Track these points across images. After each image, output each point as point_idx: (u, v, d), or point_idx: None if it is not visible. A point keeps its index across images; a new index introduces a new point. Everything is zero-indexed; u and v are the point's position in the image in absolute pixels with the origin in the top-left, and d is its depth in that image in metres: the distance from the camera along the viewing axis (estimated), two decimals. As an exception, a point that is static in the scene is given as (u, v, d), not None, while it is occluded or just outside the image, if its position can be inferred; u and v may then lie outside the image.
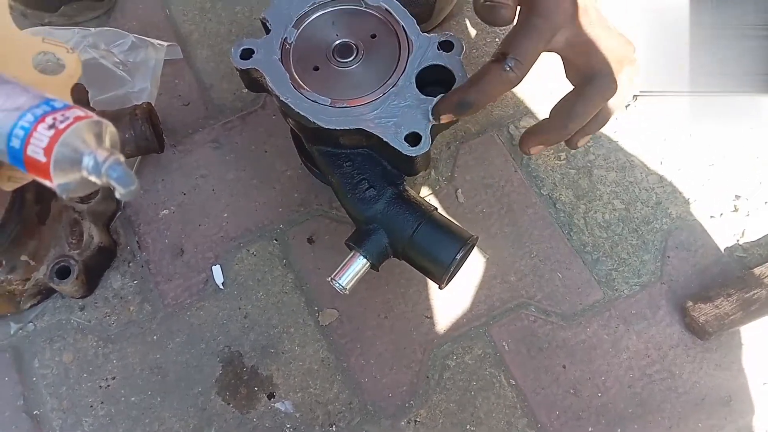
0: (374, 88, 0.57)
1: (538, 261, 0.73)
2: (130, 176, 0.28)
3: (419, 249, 0.57)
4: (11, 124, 0.28)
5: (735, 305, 0.67)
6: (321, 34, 0.60)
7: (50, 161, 0.27)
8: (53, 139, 0.27)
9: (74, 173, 0.28)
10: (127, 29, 0.81)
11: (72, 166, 0.28)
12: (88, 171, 0.28)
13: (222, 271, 0.71)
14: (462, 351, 0.69)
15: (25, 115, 0.28)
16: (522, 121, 0.80)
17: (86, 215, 0.69)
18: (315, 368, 0.67)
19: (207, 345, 0.68)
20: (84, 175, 0.28)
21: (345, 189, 0.59)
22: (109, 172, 0.27)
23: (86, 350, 0.68)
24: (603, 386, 0.68)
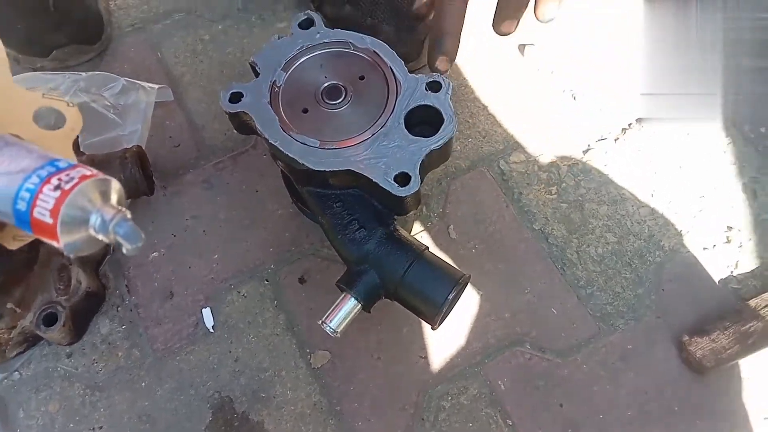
0: (363, 129, 0.57)
1: (532, 297, 0.72)
2: (137, 233, 0.28)
3: (411, 289, 0.56)
4: (17, 187, 0.28)
5: (731, 338, 0.67)
6: (310, 76, 0.60)
7: (57, 223, 0.27)
8: (59, 200, 0.27)
9: (81, 232, 0.28)
10: (119, 72, 0.81)
11: (79, 226, 0.28)
12: (96, 229, 0.28)
13: (212, 314, 0.70)
14: (457, 391, 0.67)
15: (30, 177, 0.28)
16: (512, 156, 0.81)
17: (74, 260, 0.68)
18: (307, 413, 0.66)
19: (197, 391, 0.67)
20: (91, 234, 0.28)
21: (335, 229, 0.59)
22: (116, 229, 0.27)
23: (73, 399, 0.66)
24: (602, 424, 0.66)
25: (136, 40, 0.89)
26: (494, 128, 0.83)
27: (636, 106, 0.83)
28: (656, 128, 0.82)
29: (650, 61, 0.85)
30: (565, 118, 0.83)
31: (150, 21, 0.90)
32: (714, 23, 0.84)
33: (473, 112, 0.84)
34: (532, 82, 0.86)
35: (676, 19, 0.85)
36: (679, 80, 0.83)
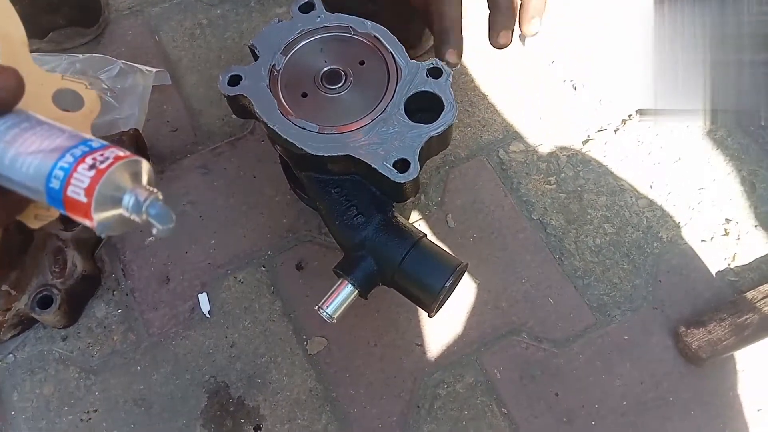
0: (363, 115, 0.57)
1: (530, 287, 0.72)
2: (169, 214, 0.28)
3: (408, 276, 0.56)
4: (50, 165, 0.28)
5: (728, 330, 0.67)
6: (309, 60, 0.60)
7: (92, 201, 0.27)
8: (95, 180, 0.27)
9: (114, 211, 0.28)
10: (116, 55, 0.80)
11: (112, 205, 0.28)
12: (129, 210, 0.28)
13: (209, 299, 0.70)
14: (453, 379, 0.67)
15: (64, 156, 0.28)
16: (512, 145, 0.80)
17: (70, 243, 0.67)
18: (303, 398, 0.66)
19: (192, 375, 0.66)
20: (124, 214, 0.28)
21: (333, 215, 0.58)
22: (149, 210, 0.28)
23: (68, 382, 0.66)
24: (597, 414, 0.66)
25: (133, 23, 0.88)
26: (494, 117, 0.82)
27: (637, 97, 0.83)
28: (656, 120, 0.82)
29: (654, 54, 0.85)
30: (565, 109, 0.83)
31: (148, 4, 0.89)
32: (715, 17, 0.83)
33: (473, 101, 0.83)
34: (533, 72, 0.85)
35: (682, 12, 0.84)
36: (680, 73, 0.83)
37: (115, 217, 0.28)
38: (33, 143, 0.29)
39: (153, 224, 0.28)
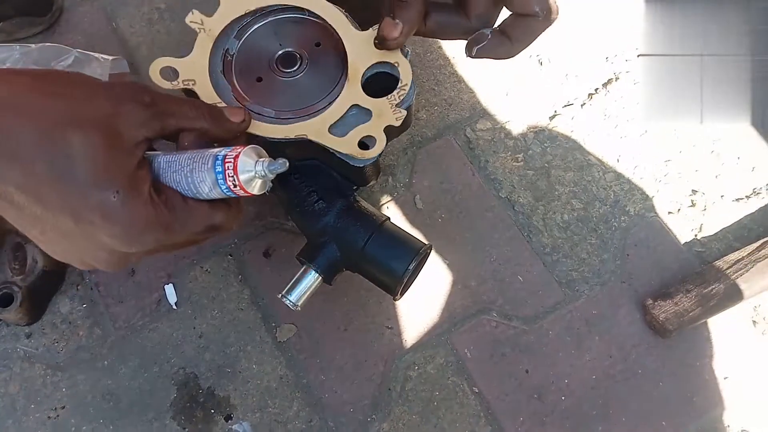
0: (320, 98, 0.56)
1: (498, 265, 0.72)
2: (282, 163, 0.39)
3: (371, 261, 0.56)
4: (214, 177, 0.38)
5: (694, 301, 0.67)
6: (263, 44, 0.58)
7: (241, 182, 0.37)
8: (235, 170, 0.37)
9: (256, 180, 0.38)
10: (72, 44, 0.78)
11: (252, 179, 0.38)
12: (261, 175, 0.38)
13: (175, 290, 0.69)
14: (424, 360, 0.68)
15: (215, 168, 0.38)
16: (479, 123, 0.80)
17: (30, 239, 0.66)
18: (273, 386, 0.66)
19: (161, 368, 0.66)
20: (260, 178, 0.38)
21: (294, 202, 0.57)
22: (270, 168, 0.38)
23: (34, 379, 0.65)
24: (567, 389, 0.67)
25: (89, 9, 0.86)
26: (460, 96, 0.81)
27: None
28: (623, 92, 0.82)
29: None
30: (531, 84, 0.82)
31: (103, -11, 0.87)
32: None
33: (439, 79, 0.82)
34: (499, 48, 0.84)
35: None
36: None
37: (258, 182, 0.38)
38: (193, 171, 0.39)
39: (277, 172, 0.38)
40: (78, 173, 0.33)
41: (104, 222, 0.34)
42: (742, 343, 0.70)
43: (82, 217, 0.34)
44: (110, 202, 0.34)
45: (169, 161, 0.39)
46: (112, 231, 0.35)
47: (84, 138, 0.33)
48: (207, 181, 0.38)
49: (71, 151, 0.33)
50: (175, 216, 0.37)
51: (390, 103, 0.54)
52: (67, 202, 0.33)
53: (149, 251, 0.39)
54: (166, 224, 0.37)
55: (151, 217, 0.36)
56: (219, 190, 0.38)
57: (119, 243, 0.36)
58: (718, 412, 0.67)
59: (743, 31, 0.83)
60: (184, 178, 0.39)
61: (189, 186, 0.39)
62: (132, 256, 0.39)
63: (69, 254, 0.38)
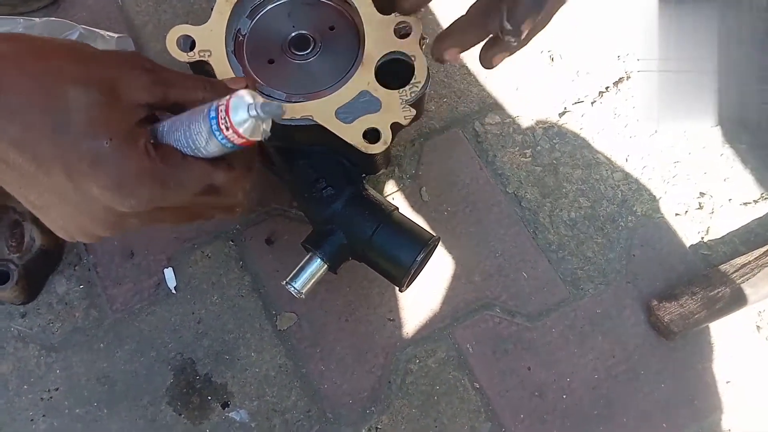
0: (332, 83, 0.55)
1: (503, 260, 0.71)
2: (278, 106, 0.37)
3: (379, 251, 0.55)
4: (210, 129, 0.36)
5: (699, 304, 0.67)
6: (276, 25, 0.57)
7: (236, 128, 0.36)
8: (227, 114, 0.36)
9: (250, 123, 0.36)
10: (76, 20, 0.77)
11: (245, 121, 0.36)
12: (255, 116, 0.36)
13: (174, 274, 0.68)
14: (425, 354, 0.67)
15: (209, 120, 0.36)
16: (487, 117, 0.79)
17: (27, 216, 0.64)
18: (272, 375, 0.65)
19: (158, 352, 0.65)
20: (254, 120, 0.36)
21: (301, 188, 0.56)
22: (264, 108, 0.36)
23: (27, 360, 0.64)
24: (568, 388, 0.66)
25: (94, -15, 0.84)
26: (470, 88, 0.80)
27: (616, 68, 0.82)
28: (634, 92, 0.81)
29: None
30: (542, 80, 0.81)
31: (110, -35, 0.85)
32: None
33: (449, 71, 0.81)
34: (510, 42, 0.83)
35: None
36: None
37: (250, 123, 0.36)
38: (191, 124, 0.37)
39: (271, 116, 0.36)
40: (72, 124, 0.33)
41: (95, 170, 0.34)
42: (745, 347, 0.69)
43: (74, 168, 0.34)
44: (102, 149, 0.34)
45: (170, 123, 0.39)
46: (104, 181, 0.34)
47: (83, 93, 0.34)
48: (203, 132, 0.37)
49: (69, 105, 0.33)
50: (171, 170, 0.36)
51: (400, 98, 0.53)
52: (60, 152, 0.33)
53: (148, 218, 0.38)
54: (161, 178, 0.35)
55: (145, 167, 0.35)
56: (215, 141, 0.37)
57: (111, 196, 0.34)
58: (719, 416, 0.67)
59: (757, 33, 0.83)
60: (183, 134, 0.38)
61: (187, 141, 0.37)
62: (128, 218, 0.37)
63: (65, 219, 0.37)
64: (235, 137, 0.36)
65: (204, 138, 0.37)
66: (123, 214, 0.36)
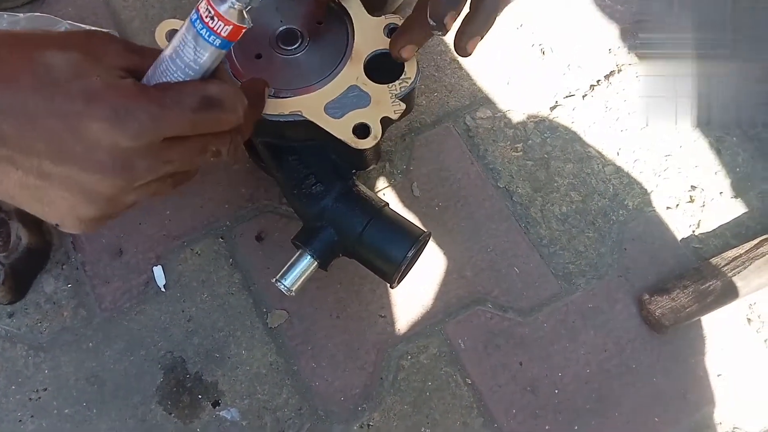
0: (321, 78, 0.54)
1: (495, 255, 0.71)
2: None
3: (369, 247, 0.54)
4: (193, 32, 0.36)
5: (691, 297, 0.67)
6: (264, 19, 0.56)
7: (221, 15, 0.36)
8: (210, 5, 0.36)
9: (234, 11, 0.36)
10: (62, 15, 0.76)
11: (231, 8, 0.36)
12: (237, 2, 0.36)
13: (164, 272, 0.67)
14: (417, 350, 0.66)
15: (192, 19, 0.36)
16: (479, 111, 0.78)
17: (13, 215, 0.64)
18: (263, 373, 0.64)
19: (147, 351, 0.64)
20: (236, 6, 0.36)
21: (291, 184, 0.56)
22: None
23: (15, 360, 0.63)
24: (560, 383, 0.66)
25: (80, -20, 0.83)
26: (461, 83, 0.80)
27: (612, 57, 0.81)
28: (625, 85, 0.81)
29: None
30: (533, 74, 0.81)
31: (95, -41, 0.84)
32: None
33: (440, 65, 0.81)
34: (500, 36, 0.83)
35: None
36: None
37: (237, 12, 0.36)
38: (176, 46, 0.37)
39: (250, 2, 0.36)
40: (58, 76, 0.34)
41: (89, 105, 0.34)
42: (736, 340, 0.70)
43: (69, 111, 0.33)
44: (92, 84, 0.34)
45: (153, 65, 0.38)
46: (101, 112, 0.33)
47: (62, 55, 0.34)
48: (189, 42, 0.36)
49: (52, 63, 0.34)
50: (164, 91, 0.36)
51: (390, 93, 0.52)
52: (51, 102, 0.33)
53: (156, 157, 0.36)
54: (156, 97, 0.35)
55: (139, 90, 0.35)
56: (204, 42, 0.36)
57: (111, 127, 0.34)
58: (711, 409, 0.67)
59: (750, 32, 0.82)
60: (169, 58, 0.37)
61: (176, 62, 0.37)
62: (136, 160, 0.36)
63: (69, 189, 0.36)
64: (221, 26, 0.36)
65: (192, 47, 0.37)
66: (129, 154, 0.35)
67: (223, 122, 0.39)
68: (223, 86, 0.38)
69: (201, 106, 0.37)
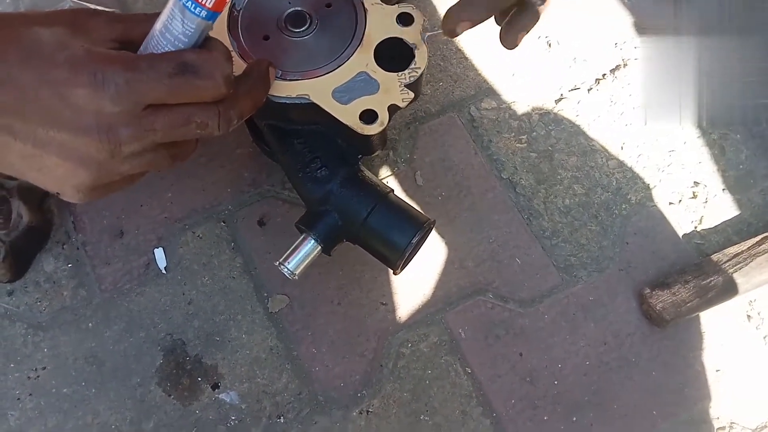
0: (328, 61, 0.53)
1: (497, 246, 0.71)
2: None
3: (373, 233, 0.54)
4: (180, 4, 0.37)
5: (692, 292, 0.67)
6: (272, 1, 0.56)
7: None
8: None
9: None
10: (65, -6, 0.75)
11: None
12: None
13: (165, 255, 0.67)
14: (417, 338, 0.66)
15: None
16: (483, 102, 0.78)
17: (15, 192, 0.63)
18: (263, 357, 0.64)
19: (147, 333, 0.64)
20: None
21: (295, 167, 0.56)
22: None
23: (14, 338, 0.63)
24: (560, 374, 0.66)
25: (85, -41, 0.82)
26: (466, 73, 0.79)
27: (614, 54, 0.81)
28: (630, 79, 0.80)
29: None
30: (538, 66, 0.81)
31: (101, -61, 0.83)
32: None
33: (445, 55, 0.80)
34: (508, 27, 0.82)
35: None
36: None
37: None
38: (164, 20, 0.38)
39: None
40: (44, 47, 0.36)
41: (73, 72, 0.35)
42: (735, 336, 0.70)
43: (55, 79, 0.35)
44: (77, 53, 0.36)
45: (145, 40, 0.40)
46: (82, 79, 0.35)
47: (48, 30, 0.36)
48: (177, 15, 0.37)
49: (39, 37, 0.36)
50: (141, 59, 0.37)
51: (399, 82, 0.52)
52: (39, 71, 0.35)
53: (139, 127, 0.37)
54: (133, 62, 0.37)
55: (117, 57, 0.37)
56: (190, 15, 0.37)
57: (92, 92, 0.35)
58: (709, 404, 0.67)
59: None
60: (159, 33, 0.38)
61: (165, 35, 0.38)
62: (120, 128, 0.37)
63: (64, 154, 0.37)
64: (208, 5, 0.37)
65: (179, 20, 0.37)
66: (112, 119, 0.36)
67: (200, 89, 0.39)
68: (200, 53, 0.39)
69: (175, 72, 0.38)
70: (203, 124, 0.40)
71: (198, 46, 0.40)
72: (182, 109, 0.39)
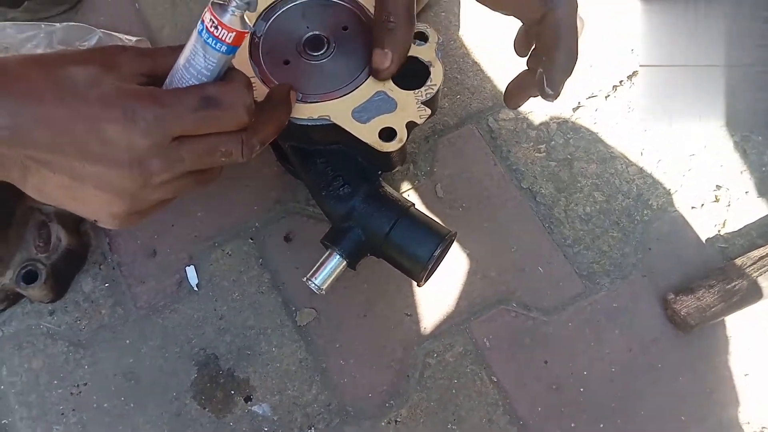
0: (347, 82, 0.55)
1: (519, 255, 0.72)
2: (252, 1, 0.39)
3: (396, 247, 0.56)
4: (201, 41, 0.39)
5: (716, 297, 0.67)
6: (291, 26, 0.58)
7: (223, 23, 0.39)
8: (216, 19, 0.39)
9: (237, 19, 0.39)
10: (95, 24, 0.78)
11: (231, 16, 0.39)
12: (236, 9, 0.39)
13: (196, 272, 0.69)
14: (443, 348, 0.68)
15: (199, 30, 0.40)
16: (501, 113, 0.79)
17: (53, 217, 0.66)
18: (293, 369, 0.66)
19: (181, 348, 0.66)
20: (237, 15, 0.39)
21: (319, 186, 0.57)
22: (238, 3, 0.38)
23: (56, 356, 0.66)
24: (585, 381, 0.67)
25: (113, -10, 0.86)
26: (483, 84, 0.81)
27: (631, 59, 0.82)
28: (648, 85, 0.81)
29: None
30: (555, 75, 0.81)
31: (127, -30, 0.87)
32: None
33: (462, 68, 0.82)
34: (523, 38, 0.83)
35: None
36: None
37: (237, 15, 0.39)
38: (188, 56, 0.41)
39: (247, 7, 0.39)
40: (77, 86, 0.38)
41: (105, 109, 0.37)
42: (762, 340, 0.69)
43: (88, 116, 0.37)
44: (108, 90, 0.38)
45: (170, 74, 0.42)
46: (113, 114, 0.37)
47: (81, 68, 0.38)
48: (198, 51, 0.40)
49: (71, 75, 0.38)
50: (167, 94, 0.40)
51: (416, 99, 0.53)
52: (74, 111, 0.37)
53: (167, 158, 0.40)
54: (159, 97, 0.39)
55: (145, 94, 0.39)
56: (212, 51, 0.39)
57: (122, 128, 0.37)
58: (738, 409, 0.67)
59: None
60: (183, 67, 0.41)
61: (189, 70, 0.40)
62: (151, 159, 0.39)
63: (99, 187, 0.39)
64: (226, 34, 0.39)
65: (201, 55, 0.40)
66: (143, 152, 0.38)
67: (223, 120, 0.41)
68: (222, 86, 0.41)
69: (200, 106, 0.40)
70: (228, 153, 0.43)
71: (220, 78, 0.42)
72: (208, 139, 0.41)
